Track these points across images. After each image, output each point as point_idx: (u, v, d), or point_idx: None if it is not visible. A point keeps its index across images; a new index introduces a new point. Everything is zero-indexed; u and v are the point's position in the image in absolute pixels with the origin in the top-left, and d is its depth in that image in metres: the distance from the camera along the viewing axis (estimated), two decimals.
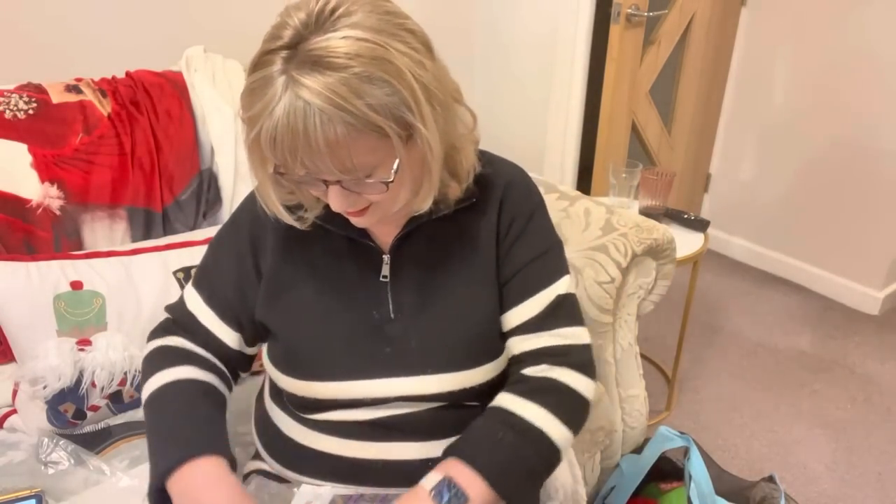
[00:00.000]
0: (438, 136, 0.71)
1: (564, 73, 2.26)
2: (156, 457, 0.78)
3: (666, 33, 2.32)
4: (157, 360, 0.88)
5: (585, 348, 0.87)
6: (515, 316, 0.86)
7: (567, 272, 0.89)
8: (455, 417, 0.86)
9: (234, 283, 0.90)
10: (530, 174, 0.93)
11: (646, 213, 1.81)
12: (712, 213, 2.86)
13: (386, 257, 0.86)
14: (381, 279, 0.86)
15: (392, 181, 0.70)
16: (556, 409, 0.80)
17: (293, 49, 0.65)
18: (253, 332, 0.92)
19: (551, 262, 0.88)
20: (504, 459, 0.76)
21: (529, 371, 0.85)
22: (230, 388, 0.93)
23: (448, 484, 0.73)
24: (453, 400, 0.86)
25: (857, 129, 2.35)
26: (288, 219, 0.80)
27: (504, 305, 0.87)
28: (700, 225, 1.83)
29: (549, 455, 0.80)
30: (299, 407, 0.89)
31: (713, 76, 2.59)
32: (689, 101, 2.55)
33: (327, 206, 0.81)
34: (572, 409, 0.83)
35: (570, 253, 1.33)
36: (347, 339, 0.85)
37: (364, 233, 0.86)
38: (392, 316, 0.85)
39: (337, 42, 0.64)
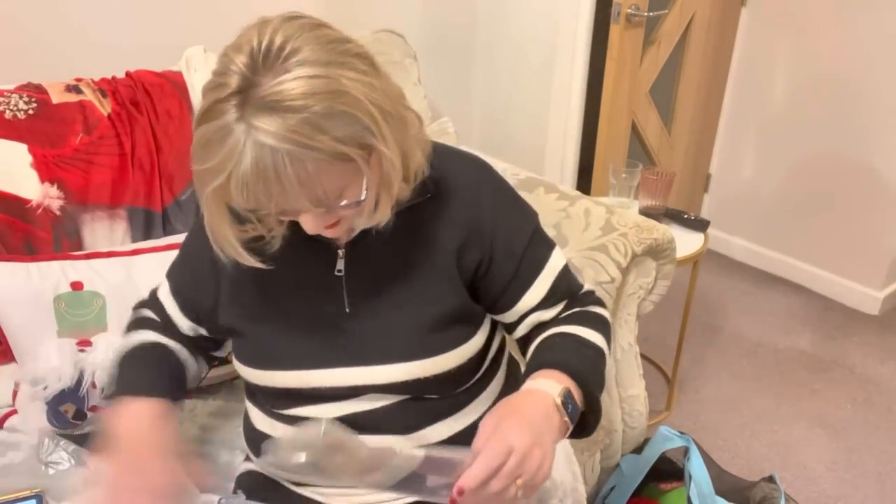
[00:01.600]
0: (396, 148, 0.73)
1: (564, 72, 2.26)
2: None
3: (666, 33, 2.32)
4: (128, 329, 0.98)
5: (592, 292, 0.98)
6: (530, 298, 0.92)
7: (554, 243, 0.95)
8: (418, 410, 0.88)
9: (194, 277, 0.94)
10: (530, 174, 0.93)
11: (646, 213, 1.81)
12: (712, 213, 2.86)
13: (341, 251, 0.86)
14: (335, 273, 0.87)
15: (364, 199, 0.72)
16: (601, 331, 0.92)
17: (244, 94, 0.64)
18: (211, 326, 0.95)
19: (541, 239, 0.93)
20: (592, 374, 0.86)
21: (563, 314, 0.94)
22: (197, 359, 1.00)
23: (570, 397, 0.80)
24: (415, 391, 0.87)
25: (857, 129, 2.35)
26: (249, 260, 0.79)
27: (516, 294, 0.91)
28: (700, 225, 1.83)
29: (604, 369, 0.91)
30: (269, 400, 0.91)
31: (713, 76, 2.59)
32: (689, 101, 2.55)
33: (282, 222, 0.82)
34: (607, 331, 0.95)
35: (570, 253, 1.33)
36: (305, 332, 0.87)
37: None
38: (348, 310, 0.87)
39: (290, 84, 0.64)
